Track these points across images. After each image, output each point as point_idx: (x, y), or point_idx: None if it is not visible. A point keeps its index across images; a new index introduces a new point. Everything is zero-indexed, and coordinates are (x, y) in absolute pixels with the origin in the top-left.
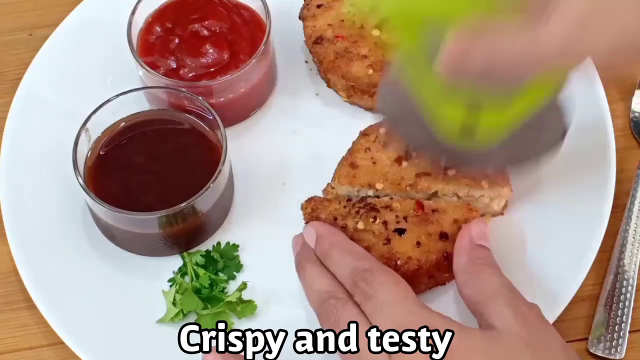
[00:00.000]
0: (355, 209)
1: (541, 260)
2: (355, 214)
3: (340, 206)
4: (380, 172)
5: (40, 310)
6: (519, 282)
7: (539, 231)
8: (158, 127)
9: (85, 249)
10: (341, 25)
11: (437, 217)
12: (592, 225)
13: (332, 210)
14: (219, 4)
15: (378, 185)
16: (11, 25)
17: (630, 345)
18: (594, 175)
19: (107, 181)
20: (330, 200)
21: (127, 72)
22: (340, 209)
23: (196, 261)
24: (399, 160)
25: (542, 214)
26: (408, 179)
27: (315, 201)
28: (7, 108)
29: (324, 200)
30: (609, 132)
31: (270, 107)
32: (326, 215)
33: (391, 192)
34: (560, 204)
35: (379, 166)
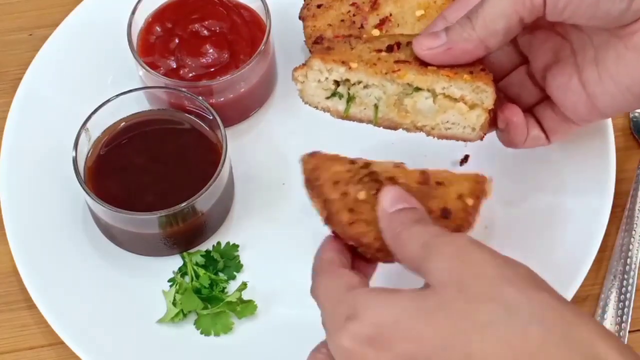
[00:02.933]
0: (358, 175)
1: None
2: (357, 182)
3: (343, 169)
4: (357, 54)
5: (40, 310)
6: None
7: (539, 231)
8: (158, 127)
9: (85, 249)
10: (341, 25)
11: (441, 192)
12: (592, 225)
13: (334, 172)
14: (219, 4)
15: (352, 64)
16: (11, 25)
17: (630, 345)
18: (594, 175)
19: (107, 181)
20: (333, 160)
21: (127, 72)
22: (343, 172)
23: (196, 261)
24: (378, 51)
25: (542, 214)
26: (385, 62)
27: (317, 158)
28: (7, 108)
29: (327, 159)
30: (609, 132)
31: (270, 107)
32: (327, 177)
33: (365, 75)
34: (560, 204)
35: (356, 51)
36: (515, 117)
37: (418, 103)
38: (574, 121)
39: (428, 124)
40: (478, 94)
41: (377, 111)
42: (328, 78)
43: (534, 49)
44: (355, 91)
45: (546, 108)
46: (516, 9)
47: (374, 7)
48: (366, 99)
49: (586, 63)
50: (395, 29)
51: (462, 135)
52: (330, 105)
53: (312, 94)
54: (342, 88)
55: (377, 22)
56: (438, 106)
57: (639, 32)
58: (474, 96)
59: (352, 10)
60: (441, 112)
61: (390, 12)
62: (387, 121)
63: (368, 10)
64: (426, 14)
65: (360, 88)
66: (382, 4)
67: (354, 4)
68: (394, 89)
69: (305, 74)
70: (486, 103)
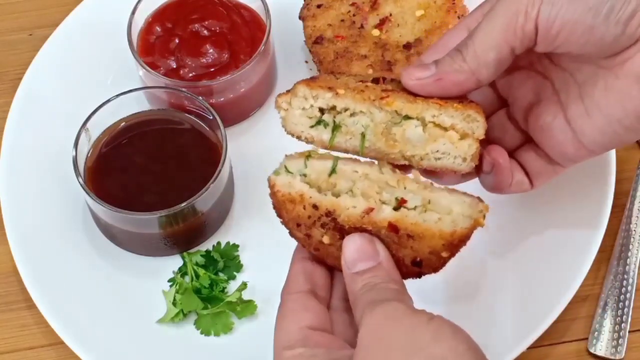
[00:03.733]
0: (320, 221)
1: (541, 260)
2: (320, 226)
3: (304, 214)
4: (343, 83)
5: (40, 310)
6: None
7: (539, 231)
8: (158, 127)
9: (85, 249)
10: (341, 25)
11: (411, 244)
12: (592, 225)
13: (295, 215)
14: (219, 4)
15: (339, 91)
16: (11, 25)
17: (630, 345)
18: (594, 175)
19: (107, 181)
20: (294, 202)
21: (127, 72)
22: (304, 217)
23: (196, 261)
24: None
25: (542, 214)
26: (373, 91)
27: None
28: (7, 108)
29: (287, 200)
30: None
31: (270, 107)
32: (290, 218)
33: (353, 102)
34: (560, 204)
35: (342, 80)
36: (502, 159)
37: (407, 132)
38: (560, 162)
39: (417, 153)
40: (469, 123)
41: (364, 140)
42: (313, 105)
43: (514, 91)
44: (341, 119)
45: (529, 151)
46: (507, 39)
47: (374, 7)
48: (352, 127)
49: (570, 100)
50: (395, 29)
51: (452, 166)
52: (315, 135)
53: (296, 122)
54: (328, 116)
55: (377, 22)
56: (428, 135)
57: (631, 58)
58: (465, 125)
59: (352, 10)
60: (431, 141)
61: (390, 12)
62: (374, 151)
63: (368, 10)
64: (426, 14)
65: (347, 116)
66: (382, 4)
67: (354, 4)
68: (382, 117)
69: (289, 100)
70: (477, 133)
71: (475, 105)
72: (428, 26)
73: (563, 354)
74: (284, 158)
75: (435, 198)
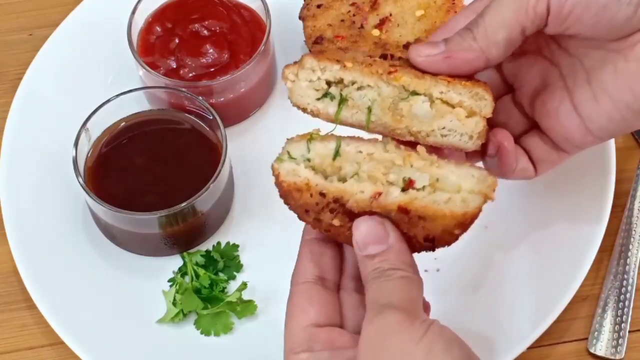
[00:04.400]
0: (329, 207)
1: (541, 259)
2: (329, 212)
3: (312, 200)
4: (351, 56)
5: (40, 310)
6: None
7: (539, 231)
8: (158, 127)
9: (85, 249)
10: (341, 25)
11: (423, 224)
12: (592, 225)
13: (303, 203)
14: (219, 4)
15: (347, 64)
16: (11, 25)
17: (630, 345)
18: (594, 175)
19: (107, 181)
20: (301, 191)
21: (127, 72)
22: (312, 204)
23: (196, 261)
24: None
25: (542, 214)
26: (381, 65)
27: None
28: (7, 108)
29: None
30: None
31: (270, 107)
32: (297, 205)
33: (360, 75)
34: (560, 204)
35: (350, 54)
36: (507, 142)
37: (414, 107)
38: (565, 149)
39: (423, 129)
40: (477, 101)
41: (370, 115)
42: (320, 78)
43: (520, 76)
44: (348, 92)
45: (534, 137)
46: (519, 18)
47: (374, 7)
48: (359, 101)
49: (578, 85)
50: (395, 29)
51: (458, 143)
52: (321, 108)
53: (302, 94)
54: (335, 89)
55: (377, 22)
56: (435, 111)
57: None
58: (473, 103)
59: (352, 10)
60: (438, 117)
61: (390, 12)
62: (379, 126)
63: (368, 10)
64: (426, 14)
65: (354, 89)
66: (382, 4)
67: (354, 4)
68: (390, 92)
69: (296, 72)
70: (484, 111)
71: (484, 84)
72: (428, 26)
73: (563, 354)
74: (286, 142)
75: (443, 175)
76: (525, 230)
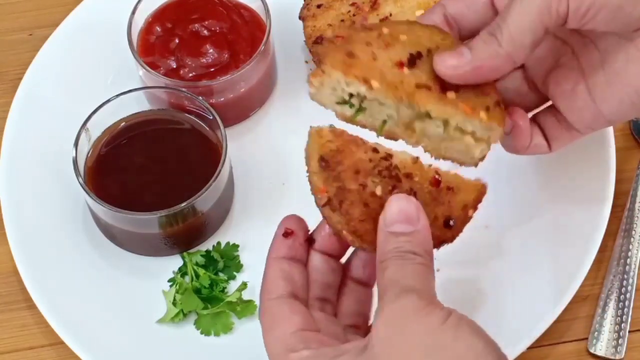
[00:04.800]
0: (379, 167)
1: (541, 259)
2: (376, 175)
3: (366, 157)
4: (380, 70)
5: (40, 310)
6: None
7: (539, 231)
8: (158, 127)
9: (85, 249)
10: (341, 25)
11: (448, 198)
12: (592, 225)
13: (357, 160)
14: (219, 4)
15: (374, 84)
16: (11, 25)
17: (630, 345)
18: (594, 175)
19: (107, 181)
20: (357, 145)
21: (127, 72)
22: (365, 161)
23: (196, 261)
24: (400, 65)
25: (542, 214)
26: (407, 85)
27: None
28: (7, 108)
29: (351, 142)
30: (609, 132)
31: (270, 107)
32: (350, 164)
33: (384, 97)
34: (560, 204)
35: (379, 63)
36: (522, 121)
37: (427, 129)
38: (578, 129)
39: (431, 146)
40: (488, 131)
41: (383, 126)
42: (344, 90)
43: (533, 55)
44: (368, 105)
45: (548, 115)
46: (542, 20)
47: (374, 7)
48: (377, 114)
49: (592, 68)
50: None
51: (459, 159)
52: (338, 110)
53: (323, 98)
54: (356, 99)
55: (377, 22)
56: (446, 135)
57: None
58: (484, 133)
59: (352, 10)
60: (448, 140)
61: (390, 12)
62: (390, 134)
63: (368, 10)
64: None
65: (375, 105)
66: (382, 4)
67: (354, 4)
68: (408, 113)
69: (322, 82)
70: (492, 139)
71: (500, 111)
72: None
73: (563, 354)
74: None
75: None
76: (525, 230)
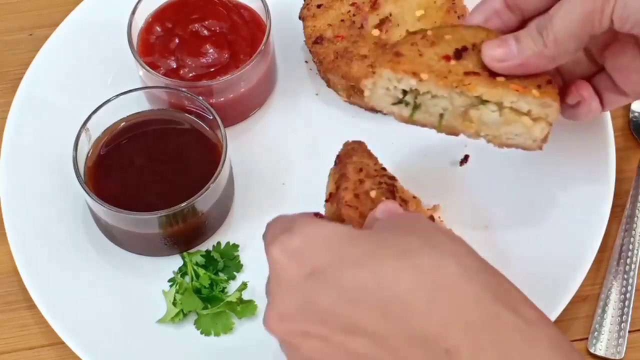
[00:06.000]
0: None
1: (541, 259)
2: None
3: (372, 166)
4: (427, 63)
5: (40, 310)
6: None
7: (539, 231)
8: (158, 127)
9: (85, 248)
10: (341, 25)
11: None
12: (592, 225)
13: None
14: (219, 4)
15: (423, 76)
16: (11, 25)
17: (630, 345)
18: (594, 175)
19: (107, 181)
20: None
21: (127, 72)
22: (371, 167)
23: (196, 261)
24: (447, 58)
25: (542, 214)
26: (455, 74)
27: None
28: (7, 108)
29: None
30: (609, 132)
31: (270, 107)
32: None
33: (435, 87)
34: (560, 204)
35: (425, 58)
36: (586, 92)
37: (484, 115)
38: (632, 97)
39: (491, 133)
40: (544, 108)
41: (441, 120)
42: (397, 87)
43: None
44: (422, 100)
45: (603, 80)
46: (585, 29)
47: (374, 7)
48: (432, 108)
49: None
50: (395, 29)
51: (522, 144)
52: (395, 111)
53: (378, 100)
54: (409, 96)
55: (377, 22)
56: (503, 119)
57: None
58: (540, 110)
59: (352, 10)
60: (506, 124)
61: (390, 12)
62: (450, 128)
63: (368, 10)
64: (426, 14)
65: (428, 98)
66: (382, 4)
67: (354, 4)
68: (462, 101)
69: (374, 82)
70: (550, 117)
71: (552, 89)
72: (428, 26)
73: None
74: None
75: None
76: (525, 230)
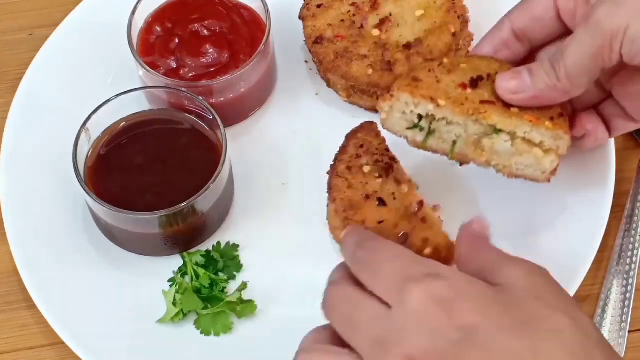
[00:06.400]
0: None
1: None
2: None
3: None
4: (444, 90)
5: (40, 310)
6: None
7: (539, 231)
8: (158, 127)
9: (85, 248)
10: (341, 25)
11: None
12: (592, 225)
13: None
14: (219, 4)
15: (441, 102)
16: (11, 25)
17: (630, 345)
18: (594, 175)
19: (107, 181)
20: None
21: (127, 72)
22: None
23: (196, 261)
24: (463, 86)
25: (542, 215)
26: (472, 102)
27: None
28: (7, 108)
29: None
30: None
31: (270, 107)
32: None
33: (452, 114)
34: (560, 204)
35: (443, 85)
36: (590, 125)
37: (496, 144)
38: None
39: (501, 163)
40: (556, 140)
41: (454, 147)
42: (413, 111)
43: None
44: (437, 126)
45: (611, 107)
46: (597, 64)
47: (374, 7)
48: (446, 135)
49: None
50: (395, 29)
51: (532, 175)
52: (409, 135)
53: (394, 123)
54: (425, 122)
55: (377, 22)
56: (515, 149)
57: None
58: (552, 142)
59: (352, 10)
60: (517, 155)
61: (390, 12)
62: (461, 156)
63: (368, 10)
64: (426, 14)
65: (443, 124)
66: (382, 4)
67: (354, 4)
68: (476, 129)
69: (391, 105)
70: (561, 150)
71: (564, 121)
72: (428, 26)
73: None
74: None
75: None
76: (525, 230)
